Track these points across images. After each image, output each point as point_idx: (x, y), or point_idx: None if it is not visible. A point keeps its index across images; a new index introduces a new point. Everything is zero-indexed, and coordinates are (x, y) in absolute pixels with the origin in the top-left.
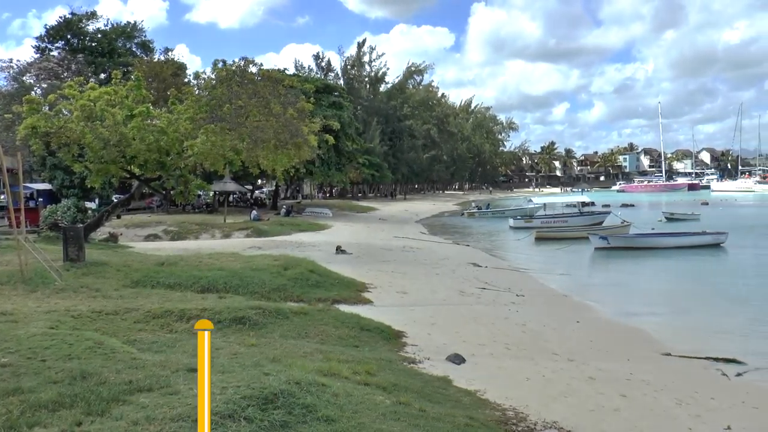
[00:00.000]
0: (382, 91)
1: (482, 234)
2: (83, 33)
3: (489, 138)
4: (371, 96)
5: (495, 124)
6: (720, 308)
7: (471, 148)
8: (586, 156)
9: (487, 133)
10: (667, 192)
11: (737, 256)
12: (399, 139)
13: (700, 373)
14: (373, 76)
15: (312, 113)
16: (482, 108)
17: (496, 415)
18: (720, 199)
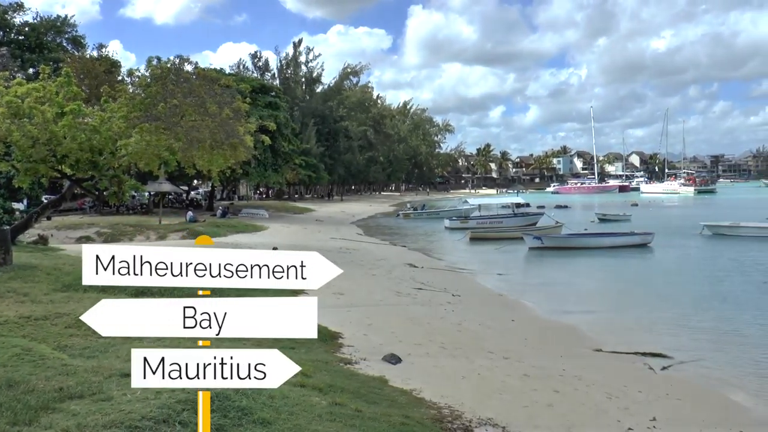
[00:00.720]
0: (318, 91)
1: (418, 235)
2: (8, 25)
3: (425, 140)
4: (308, 97)
5: (431, 126)
6: (647, 305)
7: (407, 150)
8: (521, 158)
9: (423, 135)
10: (599, 193)
11: (663, 256)
12: (335, 140)
13: (629, 368)
14: (310, 76)
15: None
16: (418, 110)
17: (431, 413)
18: (648, 201)
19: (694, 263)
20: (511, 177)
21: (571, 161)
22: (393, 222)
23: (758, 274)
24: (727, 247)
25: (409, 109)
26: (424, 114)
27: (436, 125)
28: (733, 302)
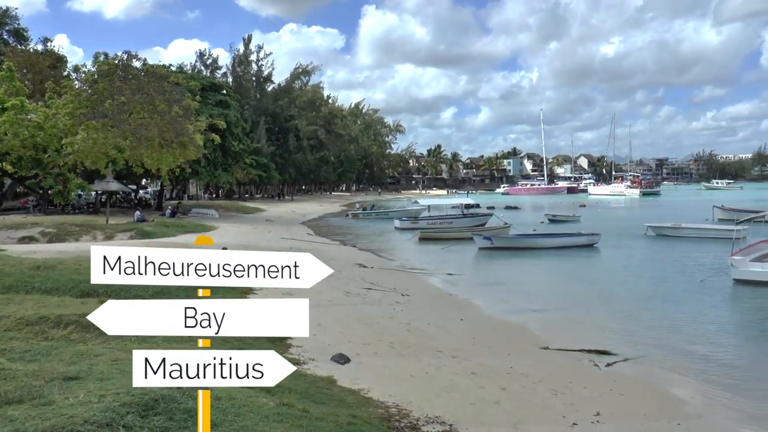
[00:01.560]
0: (269, 90)
1: (369, 235)
2: None
3: (376, 140)
4: (259, 95)
5: (382, 127)
6: (593, 304)
7: (358, 150)
8: (471, 159)
9: (374, 136)
10: (548, 195)
11: (608, 256)
12: (286, 140)
13: (574, 365)
14: (261, 75)
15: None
16: (370, 110)
17: (379, 412)
18: (596, 202)
19: (638, 263)
20: (462, 178)
21: (521, 163)
22: (343, 222)
23: (698, 274)
24: (669, 247)
25: (360, 109)
26: (375, 114)
27: (387, 126)
28: (674, 301)
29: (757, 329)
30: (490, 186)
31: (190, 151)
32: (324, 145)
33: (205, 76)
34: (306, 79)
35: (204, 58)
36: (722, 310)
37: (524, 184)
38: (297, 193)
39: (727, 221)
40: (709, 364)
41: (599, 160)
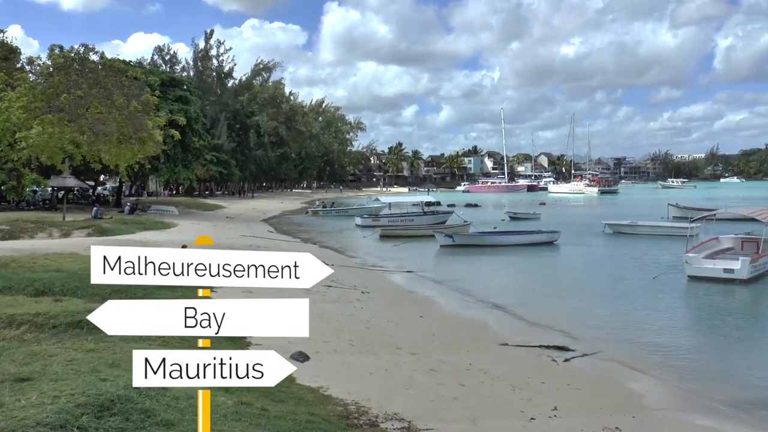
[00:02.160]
0: (230, 86)
1: (329, 232)
2: None
3: (337, 137)
4: (219, 91)
5: (343, 124)
6: (552, 301)
7: (319, 147)
8: (432, 157)
9: (335, 133)
10: (508, 193)
11: (568, 253)
12: (247, 136)
13: (533, 360)
14: (221, 70)
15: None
16: (331, 107)
17: (338, 410)
18: (555, 200)
19: (596, 260)
20: (423, 176)
21: (482, 161)
22: (304, 219)
23: (654, 271)
24: (626, 245)
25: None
26: (336, 112)
27: (348, 123)
28: (631, 297)
29: (709, 324)
30: (451, 184)
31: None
32: (285, 141)
33: (165, 71)
34: (267, 76)
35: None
36: (677, 306)
37: (485, 182)
38: (258, 190)
39: (682, 219)
40: (663, 358)
41: (559, 159)
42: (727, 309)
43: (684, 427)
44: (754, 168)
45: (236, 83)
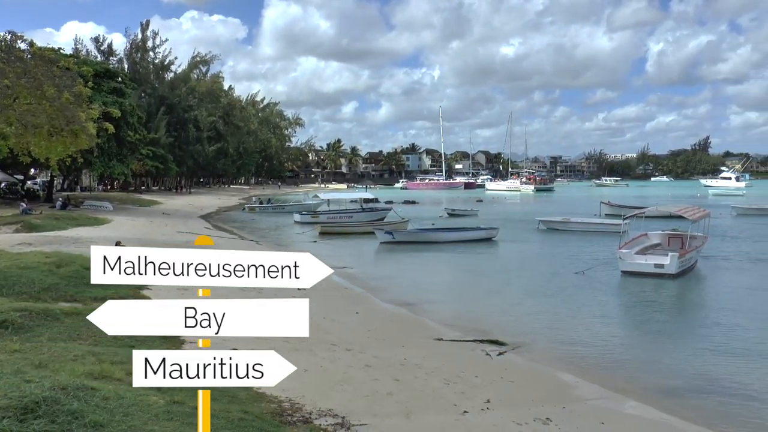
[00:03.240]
0: (167, 79)
1: (268, 229)
2: None
3: (276, 133)
4: (156, 84)
5: (282, 120)
6: (488, 296)
7: (257, 143)
8: (371, 154)
9: (273, 128)
10: (446, 190)
11: (505, 249)
12: (184, 131)
13: (467, 355)
14: (159, 63)
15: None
16: (270, 103)
17: (272, 407)
18: (492, 197)
19: (532, 256)
20: (361, 172)
21: (420, 158)
22: (241, 216)
23: (586, 266)
24: (561, 241)
25: (260, 101)
26: (275, 107)
27: (286, 119)
28: (565, 292)
29: (638, 318)
30: (389, 181)
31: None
32: (223, 136)
33: (99, 62)
34: (205, 69)
35: (98, 44)
36: (610, 300)
37: (423, 180)
38: (195, 185)
39: (613, 216)
40: (593, 351)
41: (497, 157)
42: (656, 303)
43: (610, 416)
44: (681, 167)
45: (173, 76)
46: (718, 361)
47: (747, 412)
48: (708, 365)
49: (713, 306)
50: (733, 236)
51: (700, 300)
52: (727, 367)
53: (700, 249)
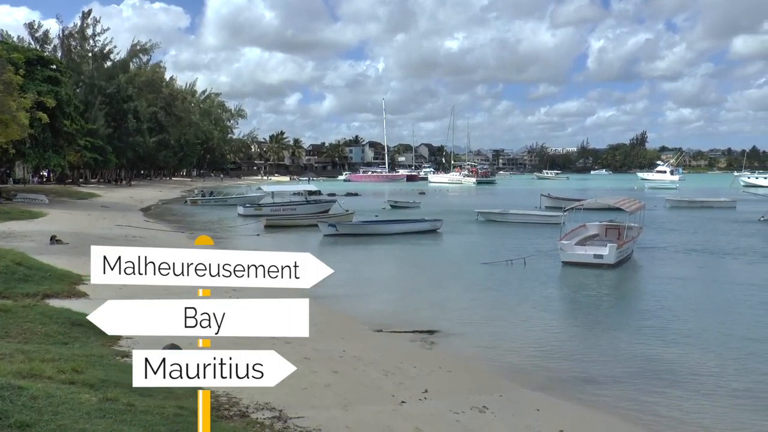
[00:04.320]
0: (106, 68)
1: (212, 222)
2: None
3: (218, 124)
4: (95, 73)
5: (224, 111)
6: (429, 288)
7: (199, 134)
8: (314, 146)
9: (215, 120)
10: (389, 182)
11: (449, 241)
12: (124, 122)
13: (406, 346)
14: (98, 51)
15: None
16: (212, 93)
17: None
18: (435, 190)
19: (473, 248)
20: (304, 165)
21: (363, 151)
22: (183, 209)
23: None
24: (502, 232)
25: (202, 91)
26: (217, 98)
27: (228, 110)
28: (505, 283)
29: (578, 307)
30: (332, 173)
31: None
32: (164, 127)
33: (32, 49)
34: (146, 58)
35: (32, 31)
36: (551, 290)
37: (366, 172)
38: (135, 178)
39: (554, 208)
40: (534, 340)
41: (439, 150)
42: (596, 292)
43: (546, 403)
44: (620, 161)
45: (111, 65)
46: (651, 350)
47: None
48: (642, 354)
49: (649, 295)
50: (667, 227)
51: (637, 289)
52: (660, 356)
53: (636, 239)
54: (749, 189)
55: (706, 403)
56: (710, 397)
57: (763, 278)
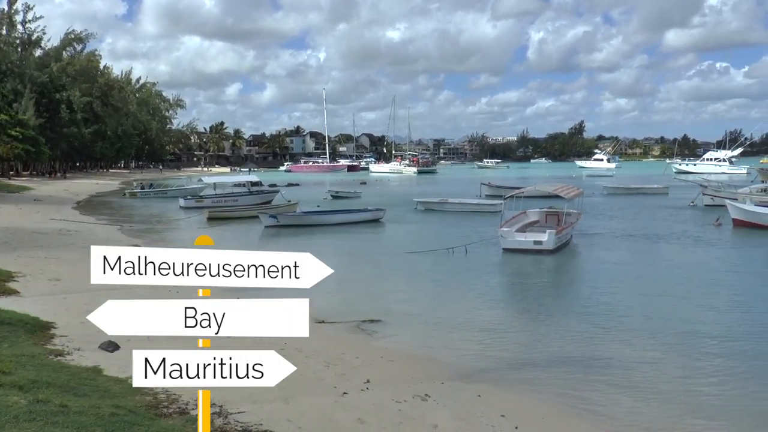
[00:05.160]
0: (37, 57)
1: (152, 215)
2: None
3: (155, 115)
4: (24, 62)
5: (162, 101)
6: (373, 277)
7: (137, 125)
8: (255, 137)
9: (153, 110)
10: (330, 173)
11: (391, 230)
12: (57, 112)
13: (348, 336)
14: (28, 39)
15: None
16: (147, 83)
17: (147, 400)
18: (376, 180)
19: (415, 237)
20: (245, 155)
21: (305, 141)
22: (125, 202)
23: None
24: (440, 221)
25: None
26: (153, 88)
27: (167, 100)
28: (447, 272)
29: (518, 293)
30: (273, 164)
31: None
32: (100, 118)
33: None
34: (81, 47)
35: None
36: (492, 278)
37: (307, 162)
38: (71, 170)
39: (494, 197)
40: (475, 326)
41: (380, 140)
42: (535, 278)
43: (486, 389)
44: (559, 150)
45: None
46: (590, 335)
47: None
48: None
49: (587, 280)
50: (605, 214)
51: (575, 274)
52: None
53: (575, 225)
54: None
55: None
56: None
57: (696, 261)
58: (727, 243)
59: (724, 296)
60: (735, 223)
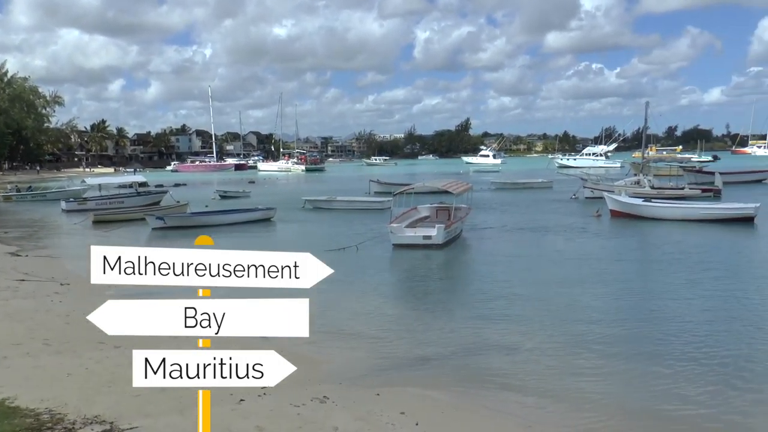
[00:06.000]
0: None
1: (33, 220)
2: None
3: (31, 112)
4: None
5: (38, 97)
6: None
7: (10, 123)
8: (139, 135)
9: (28, 107)
10: (217, 172)
11: (282, 229)
12: None
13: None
14: None
15: None
16: (20, 78)
17: (27, 422)
18: (264, 178)
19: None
20: (129, 155)
21: (191, 140)
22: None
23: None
24: (329, 219)
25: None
26: (26, 83)
27: (43, 97)
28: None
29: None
30: (159, 163)
31: None
32: None
33: None
34: None
35: None
36: (382, 274)
37: (194, 161)
38: None
39: (383, 193)
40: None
41: (268, 138)
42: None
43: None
44: (446, 147)
45: None
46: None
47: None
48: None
49: (476, 273)
50: (493, 208)
51: (465, 268)
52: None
53: (465, 220)
54: (563, 170)
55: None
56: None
57: (581, 252)
58: (607, 233)
59: (612, 284)
60: (612, 214)
